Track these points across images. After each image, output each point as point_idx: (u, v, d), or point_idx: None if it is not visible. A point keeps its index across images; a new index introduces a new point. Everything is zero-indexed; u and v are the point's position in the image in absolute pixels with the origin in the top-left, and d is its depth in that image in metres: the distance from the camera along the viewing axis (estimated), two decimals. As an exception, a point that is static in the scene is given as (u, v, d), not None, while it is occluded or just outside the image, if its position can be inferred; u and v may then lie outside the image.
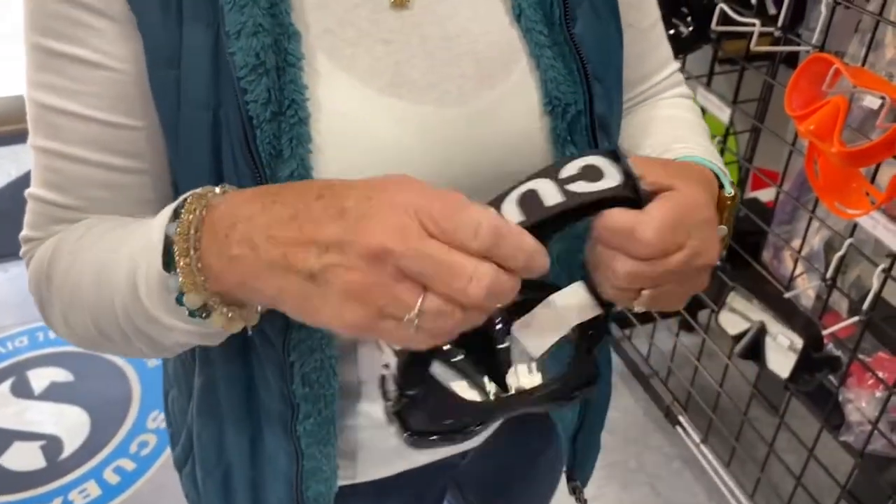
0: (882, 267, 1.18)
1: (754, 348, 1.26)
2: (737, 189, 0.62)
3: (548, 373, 0.55)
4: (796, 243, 1.43)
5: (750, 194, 1.80)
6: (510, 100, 0.60)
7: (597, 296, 0.54)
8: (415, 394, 0.50)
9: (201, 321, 0.50)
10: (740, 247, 1.50)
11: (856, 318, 1.25)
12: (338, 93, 0.55)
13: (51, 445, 1.87)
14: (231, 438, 0.68)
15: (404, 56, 0.57)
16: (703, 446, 1.76)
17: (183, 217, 0.48)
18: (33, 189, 0.58)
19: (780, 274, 1.52)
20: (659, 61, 0.75)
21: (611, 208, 0.48)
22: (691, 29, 1.50)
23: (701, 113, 0.78)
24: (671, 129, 0.72)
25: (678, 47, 0.80)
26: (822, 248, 1.44)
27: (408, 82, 0.57)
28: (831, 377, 1.32)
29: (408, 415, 0.50)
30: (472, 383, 0.53)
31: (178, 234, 0.48)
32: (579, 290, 0.54)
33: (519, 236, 0.43)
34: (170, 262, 0.48)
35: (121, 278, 0.51)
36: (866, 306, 1.22)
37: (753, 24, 1.29)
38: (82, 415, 1.94)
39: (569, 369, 0.55)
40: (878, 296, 1.21)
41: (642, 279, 0.50)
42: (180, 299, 0.49)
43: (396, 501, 0.79)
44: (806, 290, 1.46)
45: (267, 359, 0.61)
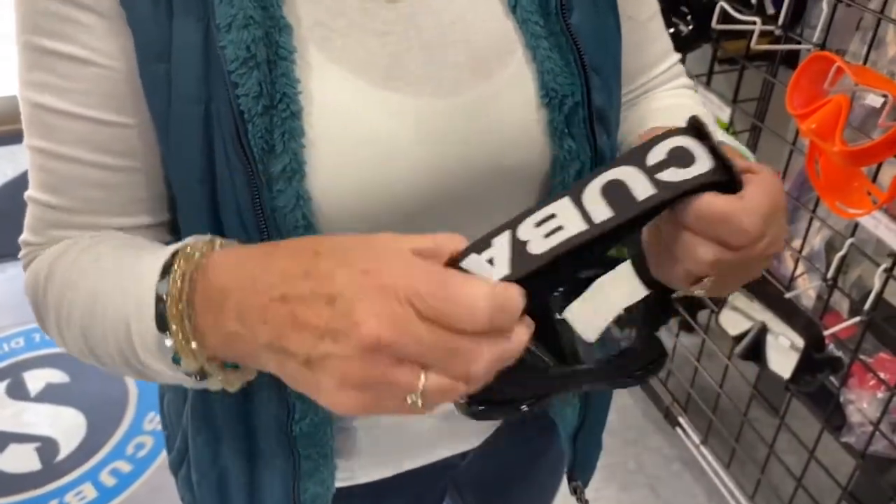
0: (883, 267, 1.17)
1: (755, 349, 1.25)
2: None
3: (610, 351, 0.54)
4: (797, 243, 1.43)
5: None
6: (506, 91, 0.59)
7: (644, 276, 0.51)
8: None
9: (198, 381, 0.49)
10: (741, 247, 1.49)
11: (857, 319, 1.25)
12: (329, 85, 0.54)
13: (46, 447, 1.86)
14: (227, 440, 0.67)
15: (401, 48, 0.56)
16: (702, 447, 1.75)
17: (174, 277, 0.47)
18: (31, 192, 0.58)
19: (780, 274, 1.51)
20: (659, 53, 0.75)
21: (700, 193, 0.46)
22: (691, 28, 1.50)
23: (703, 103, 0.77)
24: (673, 117, 0.71)
25: (678, 46, 0.79)
26: (822, 248, 1.43)
27: (405, 74, 0.56)
28: (832, 378, 1.32)
29: None
30: (533, 356, 0.52)
31: (169, 296, 0.47)
32: (627, 271, 0.52)
33: (517, 301, 0.40)
34: (164, 323, 0.47)
35: (117, 322, 0.51)
36: (868, 306, 1.22)
37: (754, 23, 1.28)
38: (78, 416, 1.93)
39: (632, 348, 0.54)
40: (879, 296, 1.20)
41: (723, 266, 0.48)
42: (177, 360, 0.48)
43: (395, 503, 0.79)
44: (807, 290, 1.45)
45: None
